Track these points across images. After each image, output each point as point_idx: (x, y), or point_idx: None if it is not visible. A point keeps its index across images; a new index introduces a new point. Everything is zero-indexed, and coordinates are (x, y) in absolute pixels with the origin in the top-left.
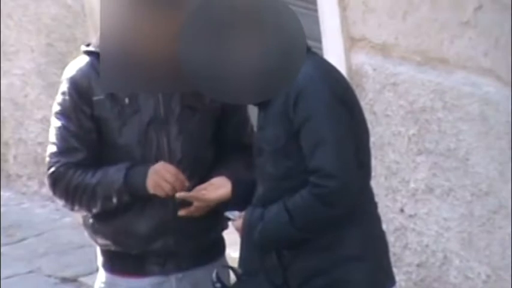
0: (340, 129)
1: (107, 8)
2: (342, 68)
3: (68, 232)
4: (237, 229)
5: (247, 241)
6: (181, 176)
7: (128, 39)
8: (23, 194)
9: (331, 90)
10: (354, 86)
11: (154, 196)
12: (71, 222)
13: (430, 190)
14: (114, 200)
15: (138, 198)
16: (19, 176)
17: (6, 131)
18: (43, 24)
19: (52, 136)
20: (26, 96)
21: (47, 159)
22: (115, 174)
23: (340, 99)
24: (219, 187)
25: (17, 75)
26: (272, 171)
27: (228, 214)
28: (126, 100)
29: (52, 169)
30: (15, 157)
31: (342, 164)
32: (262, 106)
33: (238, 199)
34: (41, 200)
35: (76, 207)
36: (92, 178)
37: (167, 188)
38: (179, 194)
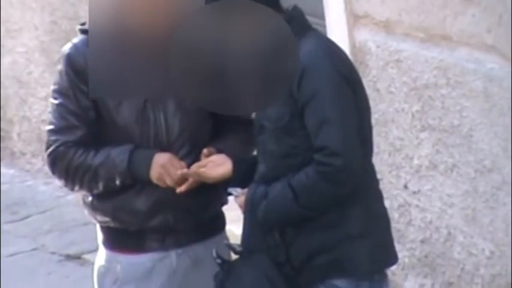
0: (344, 108)
1: (96, 13)
2: (345, 45)
3: (72, 209)
4: (239, 206)
5: (250, 218)
6: (186, 171)
7: (116, 45)
8: (27, 171)
9: (335, 68)
10: (357, 63)
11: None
12: (75, 200)
13: (433, 166)
14: (118, 182)
15: (141, 182)
16: (23, 154)
17: (10, 109)
18: (47, 2)
19: (51, 114)
20: (29, 73)
21: (46, 137)
22: (118, 157)
23: (344, 77)
24: (219, 165)
25: (20, 53)
26: (274, 149)
27: (231, 190)
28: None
29: (51, 148)
30: (19, 135)
31: (347, 142)
32: None
33: (239, 178)
34: (44, 178)
35: (76, 188)
36: (94, 159)
37: (171, 183)
38: (179, 171)
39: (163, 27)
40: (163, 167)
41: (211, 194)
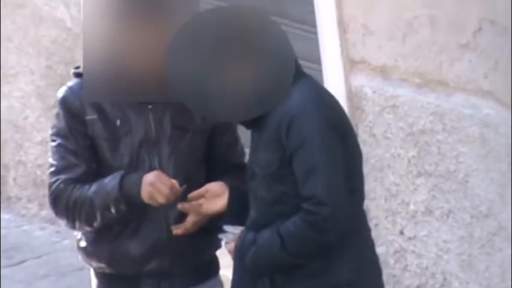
0: (332, 157)
1: (90, 20)
2: (341, 90)
3: (68, 254)
4: (229, 252)
5: (240, 264)
6: (176, 186)
7: (109, 50)
8: (23, 216)
9: (324, 117)
10: (353, 108)
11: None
12: (71, 245)
13: (429, 212)
14: (112, 210)
15: (136, 207)
16: (19, 198)
17: (6, 153)
18: (43, 47)
19: (51, 156)
20: (25, 118)
21: (48, 180)
22: (110, 183)
23: (333, 126)
24: (218, 196)
25: (16, 98)
26: (264, 195)
27: (222, 236)
28: (118, 121)
29: (52, 188)
30: (14, 179)
31: (334, 191)
32: (256, 130)
33: (235, 209)
34: (40, 222)
35: (77, 224)
36: (89, 190)
37: (162, 200)
38: (179, 206)
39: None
40: (153, 185)
41: (206, 238)
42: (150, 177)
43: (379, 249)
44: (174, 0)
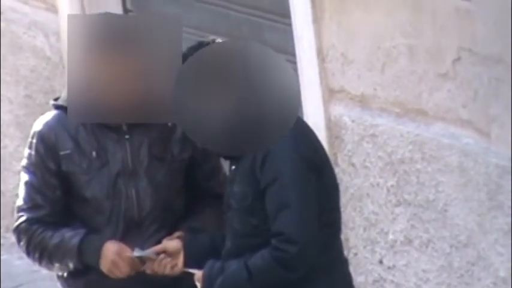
0: (304, 194)
1: (73, 45)
2: (320, 119)
3: (47, 284)
4: (197, 281)
5: None
6: (136, 263)
7: (91, 75)
8: (2, 245)
9: (299, 152)
10: (332, 138)
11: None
12: (50, 274)
13: (408, 241)
14: (71, 266)
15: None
16: None
17: None
18: (21, 76)
19: (20, 190)
20: (4, 147)
21: (15, 212)
22: (70, 242)
23: (308, 161)
24: (175, 254)
25: None
26: (238, 227)
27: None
28: (94, 153)
29: (16, 223)
30: None
31: (304, 229)
32: (233, 161)
33: (192, 260)
34: (19, 252)
35: (37, 264)
36: (51, 239)
37: (121, 275)
38: (147, 271)
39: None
40: (113, 262)
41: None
42: (110, 254)
43: (358, 279)
44: (154, 29)
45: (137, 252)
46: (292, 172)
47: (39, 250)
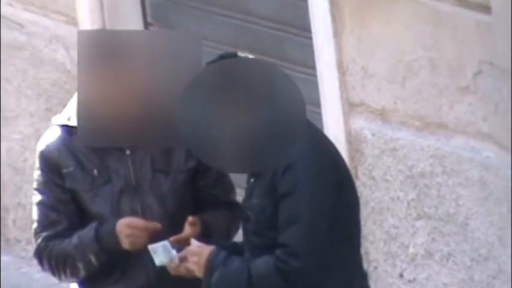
0: (318, 209)
1: (83, 68)
2: (341, 133)
3: None
4: (196, 264)
5: (207, 282)
6: (151, 225)
7: (100, 101)
8: (22, 258)
9: (318, 166)
10: (353, 151)
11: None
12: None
13: (429, 255)
14: (94, 261)
15: (119, 254)
16: (18, 241)
17: (5, 196)
18: (42, 90)
19: (34, 213)
20: (25, 160)
21: (33, 236)
22: (86, 235)
23: (327, 176)
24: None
25: (16, 140)
26: (256, 240)
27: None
28: (95, 171)
29: (36, 247)
30: (14, 221)
31: (310, 245)
32: (253, 175)
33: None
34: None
35: (63, 278)
36: (69, 244)
37: (144, 243)
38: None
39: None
40: (130, 235)
41: (193, 280)
42: (124, 230)
43: None
44: (173, 45)
45: (158, 258)
46: (309, 186)
47: (61, 259)
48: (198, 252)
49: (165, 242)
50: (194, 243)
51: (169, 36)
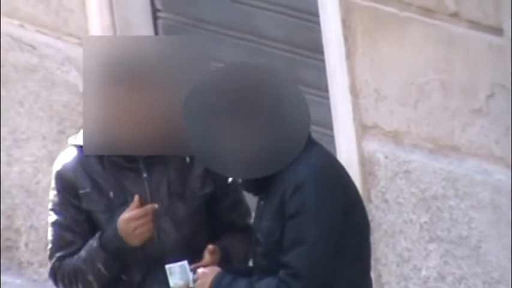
0: (324, 232)
1: (89, 77)
2: (354, 156)
3: None
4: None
5: None
6: (149, 207)
7: (107, 109)
8: (35, 281)
9: (328, 189)
10: (365, 174)
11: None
12: None
13: (442, 278)
14: (103, 271)
15: (125, 255)
16: (30, 263)
17: (17, 218)
18: (55, 111)
19: (49, 233)
20: (37, 183)
21: (48, 257)
22: (91, 246)
23: (337, 198)
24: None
25: (28, 163)
26: (265, 263)
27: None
28: (111, 193)
29: (50, 267)
30: (26, 244)
31: (315, 267)
32: (262, 197)
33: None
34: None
35: None
36: (78, 259)
37: (152, 229)
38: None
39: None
40: (136, 229)
41: None
42: (127, 226)
43: None
44: (179, 53)
45: (174, 280)
46: (317, 208)
47: (73, 275)
48: (204, 276)
49: (184, 263)
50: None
51: (176, 43)
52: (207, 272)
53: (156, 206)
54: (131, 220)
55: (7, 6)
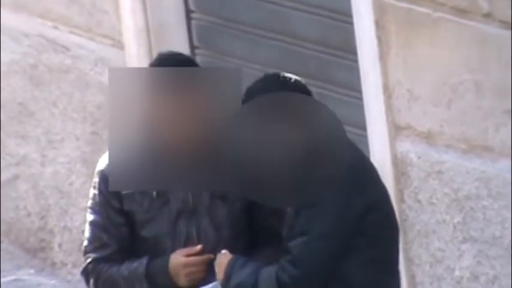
0: (332, 226)
1: (115, 110)
2: (387, 156)
3: None
4: (217, 265)
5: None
6: (205, 257)
7: (135, 143)
8: (68, 282)
9: (346, 186)
10: (399, 174)
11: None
12: None
13: (475, 278)
14: None
15: None
16: (64, 264)
17: (51, 219)
18: (88, 113)
19: (85, 231)
20: (71, 184)
21: (82, 253)
22: (137, 271)
23: (353, 197)
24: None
25: (62, 164)
26: None
27: None
28: (154, 193)
29: (84, 265)
30: (60, 245)
31: (314, 259)
32: None
33: None
34: None
35: None
36: (118, 273)
37: (202, 276)
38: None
39: (189, 137)
40: (189, 274)
41: None
42: (181, 270)
43: None
44: (211, 83)
45: None
46: (331, 203)
47: (109, 286)
48: (221, 257)
49: (216, 283)
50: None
51: (207, 74)
52: (224, 254)
53: (212, 257)
54: (188, 266)
55: (40, 7)
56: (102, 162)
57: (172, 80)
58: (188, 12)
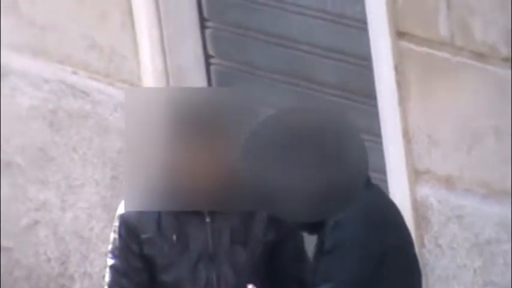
0: (354, 272)
1: (132, 129)
2: (406, 200)
3: None
4: None
5: None
6: None
7: (152, 163)
8: None
9: (365, 229)
10: (419, 218)
11: None
12: None
13: None
14: None
15: None
16: None
17: (71, 265)
18: (108, 158)
19: (106, 275)
20: (91, 229)
21: None
22: None
23: (372, 240)
24: None
25: (82, 209)
26: None
27: None
28: (174, 237)
29: None
30: None
31: None
32: (320, 235)
33: None
34: None
35: None
36: None
37: None
38: None
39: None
40: None
41: None
42: None
43: None
44: (226, 105)
45: None
46: (352, 249)
47: None
48: None
49: None
50: None
51: (221, 94)
52: None
53: None
54: None
55: (59, 52)
56: (122, 206)
57: (186, 100)
58: (207, 57)
